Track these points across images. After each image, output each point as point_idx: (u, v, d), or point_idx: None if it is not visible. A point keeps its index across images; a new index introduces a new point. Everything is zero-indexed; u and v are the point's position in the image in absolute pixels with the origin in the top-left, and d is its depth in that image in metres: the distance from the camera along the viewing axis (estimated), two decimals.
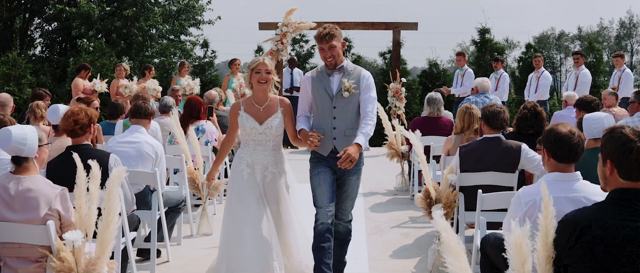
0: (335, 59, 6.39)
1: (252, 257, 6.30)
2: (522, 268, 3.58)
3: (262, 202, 6.49)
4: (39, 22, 32.31)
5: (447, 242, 3.71)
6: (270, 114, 6.57)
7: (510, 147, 7.08)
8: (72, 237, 4.74)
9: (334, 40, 6.35)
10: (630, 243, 3.46)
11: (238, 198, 6.49)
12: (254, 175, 6.54)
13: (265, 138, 6.56)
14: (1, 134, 5.06)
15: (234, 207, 6.51)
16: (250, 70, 6.55)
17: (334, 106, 6.40)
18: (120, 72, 16.21)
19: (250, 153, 6.57)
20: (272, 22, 16.06)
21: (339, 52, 6.42)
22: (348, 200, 6.60)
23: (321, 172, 6.44)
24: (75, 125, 6.23)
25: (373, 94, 6.49)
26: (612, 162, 3.62)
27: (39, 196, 4.95)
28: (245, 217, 6.41)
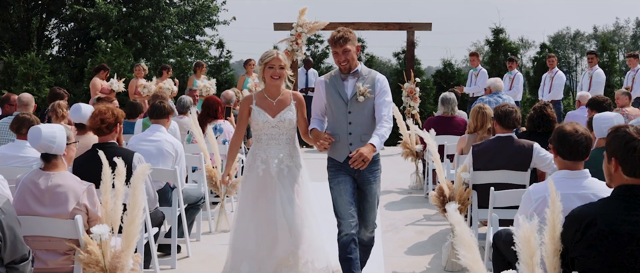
0: (350, 63, 6.22)
1: (265, 255, 6.37)
2: (530, 260, 3.74)
3: (277, 197, 6.43)
4: (55, 22, 32.63)
5: (460, 234, 3.90)
6: (283, 107, 6.55)
7: (522, 146, 7.23)
8: (99, 231, 4.96)
9: (348, 44, 6.18)
10: (634, 237, 3.62)
11: (253, 197, 6.50)
12: (269, 171, 6.49)
13: (278, 131, 6.53)
14: (32, 131, 5.28)
15: (247, 206, 6.53)
16: (263, 64, 6.47)
17: (349, 111, 6.25)
18: (139, 72, 16.45)
19: (263, 149, 6.53)
20: (287, 23, 16.20)
21: (353, 56, 6.25)
22: (371, 211, 6.40)
23: (341, 181, 6.27)
24: (102, 124, 6.44)
25: (388, 97, 6.34)
26: (617, 160, 3.78)
27: (67, 191, 5.16)
28: (258, 217, 6.44)
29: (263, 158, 6.52)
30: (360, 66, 6.34)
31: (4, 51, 28.26)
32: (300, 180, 6.64)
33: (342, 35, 6.20)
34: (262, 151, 6.54)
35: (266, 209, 6.46)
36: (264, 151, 6.53)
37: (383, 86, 6.32)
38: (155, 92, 14.62)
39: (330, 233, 6.53)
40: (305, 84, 18.45)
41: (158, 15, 28.09)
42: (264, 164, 6.51)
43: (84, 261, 5.04)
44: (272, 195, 6.47)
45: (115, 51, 23.06)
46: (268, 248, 6.49)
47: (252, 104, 6.54)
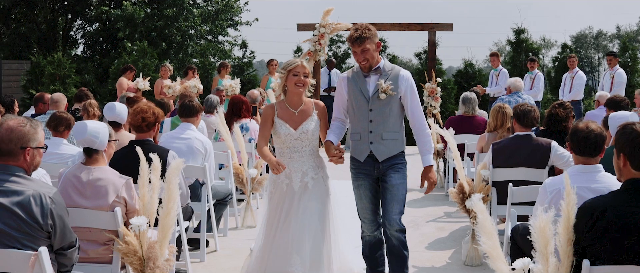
0: (370, 62, 6.08)
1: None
2: (545, 249, 3.99)
3: (300, 213, 6.19)
4: (80, 23, 33.03)
5: (482, 222, 4.17)
6: (305, 117, 6.29)
7: (540, 144, 7.45)
8: (138, 222, 5.24)
9: (366, 43, 6.02)
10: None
11: (278, 213, 6.28)
12: (292, 186, 6.25)
13: (300, 144, 6.27)
14: (79, 125, 5.58)
15: (272, 223, 6.32)
16: (286, 71, 6.20)
17: (370, 109, 6.11)
18: (164, 72, 16.76)
19: (286, 162, 6.24)
20: (310, 23, 16.40)
21: (373, 54, 6.09)
22: (394, 202, 6.14)
23: (361, 185, 6.22)
24: (142, 122, 6.74)
25: (417, 97, 6.21)
26: (625, 155, 4.03)
27: (107, 185, 5.45)
28: (282, 234, 6.20)
29: (286, 172, 6.26)
30: (382, 62, 6.20)
31: (31, 51, 28.70)
32: (326, 192, 6.39)
33: (360, 34, 6.05)
34: (285, 164, 6.19)
35: (290, 226, 6.19)
36: (287, 165, 6.23)
37: (408, 84, 6.17)
38: (180, 91, 14.95)
39: (357, 234, 6.50)
40: (328, 84, 18.70)
41: (182, 15, 28.39)
42: (288, 179, 6.28)
43: (123, 251, 5.31)
44: (295, 211, 6.22)
45: (140, 51, 23.38)
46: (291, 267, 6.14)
47: (274, 116, 6.29)
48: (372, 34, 6.09)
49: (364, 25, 6.15)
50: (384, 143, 6.12)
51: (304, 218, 6.18)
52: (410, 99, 6.17)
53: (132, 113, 6.85)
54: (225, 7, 29.36)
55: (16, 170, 4.45)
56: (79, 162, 5.64)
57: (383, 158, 6.13)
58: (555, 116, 8.25)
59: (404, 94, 6.15)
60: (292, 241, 6.13)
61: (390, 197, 6.15)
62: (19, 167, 4.48)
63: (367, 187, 6.22)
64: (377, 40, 6.17)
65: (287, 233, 6.16)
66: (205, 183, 7.97)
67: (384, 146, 6.13)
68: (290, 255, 6.08)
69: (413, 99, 6.18)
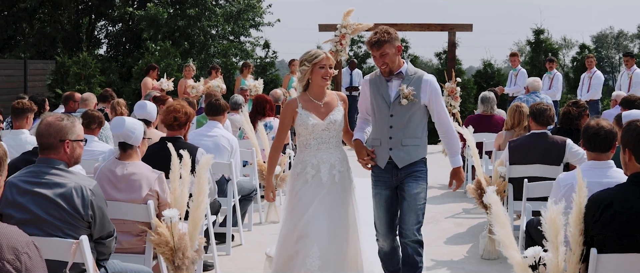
0: (389, 66, 5.93)
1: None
2: (555, 239, 4.23)
3: (327, 205, 6.03)
4: (104, 23, 33.45)
5: (495, 213, 4.43)
6: (331, 108, 6.11)
7: (555, 141, 7.67)
8: (170, 214, 5.51)
9: (385, 47, 5.88)
10: None
11: (301, 206, 6.07)
12: (320, 176, 6.06)
13: (328, 135, 6.09)
14: (117, 120, 5.89)
15: (295, 216, 6.10)
16: (312, 64, 5.99)
17: (391, 114, 5.97)
18: (188, 72, 17.08)
19: (313, 154, 6.09)
20: (331, 24, 16.63)
21: (393, 58, 5.92)
22: (411, 213, 5.97)
23: (378, 194, 6.12)
24: (174, 121, 7.02)
25: (441, 101, 6.05)
26: (630, 150, 4.27)
27: (141, 179, 5.74)
28: (309, 228, 5.98)
29: (314, 163, 6.08)
30: (405, 66, 6.03)
31: (56, 51, 29.12)
32: (350, 187, 6.23)
33: (378, 38, 5.90)
34: (312, 156, 6.09)
35: (314, 216, 6.00)
36: (314, 156, 6.09)
37: (433, 88, 5.99)
38: (203, 91, 15.26)
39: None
40: (349, 83, 18.94)
41: (204, 15, 28.69)
42: (314, 169, 6.08)
43: (155, 241, 5.58)
44: (320, 202, 6.04)
45: (163, 52, 23.67)
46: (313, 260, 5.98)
47: (297, 108, 6.08)
48: (391, 38, 5.92)
49: (383, 28, 5.99)
50: (404, 150, 5.97)
51: (331, 211, 6.02)
52: (435, 103, 6.00)
53: (165, 112, 7.12)
54: (247, 7, 29.64)
55: (57, 163, 4.75)
56: (114, 157, 5.93)
57: (403, 165, 5.98)
58: (568, 114, 8.45)
59: (428, 99, 5.98)
60: (315, 232, 5.95)
61: (407, 207, 5.99)
62: (60, 160, 4.77)
63: (384, 197, 6.09)
64: (397, 44, 5.97)
65: (312, 224, 5.97)
66: (231, 179, 8.24)
67: (404, 152, 5.97)
68: (311, 245, 5.92)
69: (438, 103, 6.01)
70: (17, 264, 3.28)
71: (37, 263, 3.39)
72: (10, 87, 23.45)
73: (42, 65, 26.21)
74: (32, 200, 4.59)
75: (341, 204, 6.11)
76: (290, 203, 6.20)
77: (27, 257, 3.33)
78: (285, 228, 6.19)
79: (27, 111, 8.58)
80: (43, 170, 4.71)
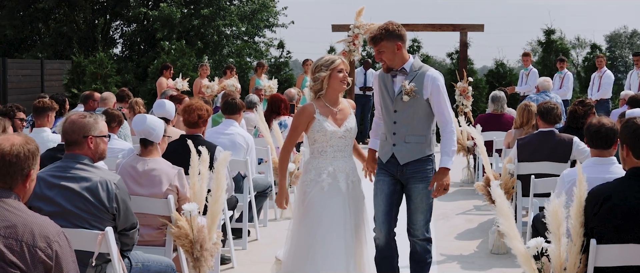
0: (387, 63, 5.92)
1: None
2: (557, 231, 4.45)
3: (345, 213, 5.84)
4: (118, 23, 33.78)
5: (500, 206, 4.66)
6: (346, 115, 5.96)
7: (562, 139, 7.87)
8: (189, 208, 5.75)
9: (382, 44, 5.85)
10: None
11: (314, 214, 5.84)
12: (338, 185, 5.86)
13: (344, 142, 5.91)
14: (139, 117, 6.15)
15: (309, 226, 5.85)
16: (330, 69, 5.80)
17: (394, 110, 5.93)
18: (204, 71, 17.35)
19: (329, 162, 5.88)
20: (344, 24, 16.79)
21: (392, 55, 5.87)
22: (418, 213, 5.97)
23: (380, 180, 6.06)
24: (198, 119, 7.27)
25: (442, 98, 5.90)
26: (627, 146, 4.48)
27: (161, 174, 5.98)
28: (326, 238, 5.76)
29: (330, 171, 5.87)
30: (411, 62, 5.95)
31: (72, 51, 29.44)
32: (362, 198, 6.07)
33: (375, 34, 5.89)
34: (328, 164, 5.88)
35: (331, 226, 5.80)
36: (330, 164, 5.88)
37: (434, 85, 5.86)
38: (218, 91, 15.51)
39: None
40: (363, 83, 19.13)
41: (219, 14, 28.94)
42: (330, 177, 5.86)
43: (175, 234, 5.82)
44: (339, 213, 5.84)
45: (178, 51, 23.89)
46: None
47: (315, 114, 5.86)
48: (391, 35, 5.85)
49: (383, 25, 5.92)
50: (407, 146, 5.91)
51: (347, 220, 5.83)
52: (435, 98, 5.87)
53: (188, 110, 7.35)
54: (261, 7, 29.87)
55: (82, 158, 5.00)
56: (135, 154, 6.18)
57: (405, 162, 5.92)
58: (574, 113, 8.64)
59: (430, 95, 5.87)
60: (332, 242, 5.76)
61: (414, 207, 5.99)
62: (85, 155, 5.02)
63: (386, 183, 6.02)
64: (398, 41, 5.88)
65: (328, 234, 5.76)
66: (247, 176, 8.48)
67: (407, 149, 5.91)
68: (325, 256, 5.74)
69: (439, 98, 5.88)
70: (49, 252, 3.53)
71: (67, 252, 3.63)
72: (28, 87, 23.76)
73: (59, 65, 26.51)
74: (60, 193, 4.85)
75: (356, 214, 5.96)
76: (301, 209, 5.97)
77: (58, 245, 3.57)
78: (299, 236, 5.93)
79: (48, 110, 8.84)
80: (69, 165, 4.96)
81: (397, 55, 5.89)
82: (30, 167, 3.70)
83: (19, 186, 3.67)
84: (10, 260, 3.45)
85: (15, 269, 3.45)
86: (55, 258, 3.55)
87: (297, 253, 5.89)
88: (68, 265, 3.62)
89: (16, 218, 3.54)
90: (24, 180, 3.68)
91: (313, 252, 5.79)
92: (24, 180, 3.68)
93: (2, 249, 3.45)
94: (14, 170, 3.63)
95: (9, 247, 3.46)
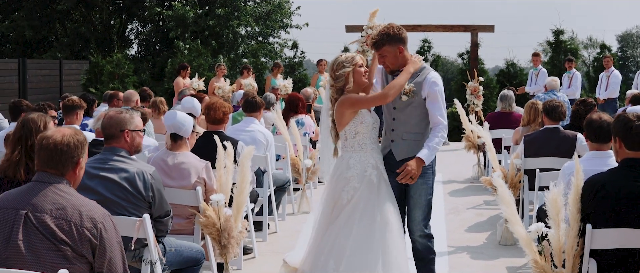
0: (392, 67, 5.99)
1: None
2: (557, 217, 4.87)
3: (377, 208, 5.86)
4: (134, 24, 34.25)
5: (501, 194, 5.08)
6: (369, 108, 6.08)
7: (567, 136, 8.27)
8: (217, 198, 6.17)
9: (384, 49, 5.93)
10: (633, 197, 4.71)
11: (368, 210, 5.84)
12: (383, 176, 5.97)
13: (375, 135, 6.04)
14: (169, 113, 6.62)
15: (360, 222, 5.82)
16: (352, 65, 5.92)
17: (394, 107, 6.01)
18: (220, 71, 17.78)
19: (370, 154, 5.97)
20: (357, 25, 17.19)
21: (394, 59, 5.94)
22: (416, 209, 6.01)
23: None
24: (223, 116, 7.72)
25: (439, 100, 5.96)
26: (619, 138, 4.88)
27: (190, 167, 6.42)
28: (364, 229, 5.80)
29: (373, 164, 5.96)
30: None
31: (89, 51, 29.91)
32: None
33: (376, 39, 5.98)
34: (370, 156, 5.98)
35: (385, 222, 5.83)
36: (372, 156, 5.98)
37: (431, 88, 5.94)
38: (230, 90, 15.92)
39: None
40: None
41: (233, 15, 29.33)
42: (375, 170, 5.95)
43: (203, 223, 6.23)
44: (373, 205, 5.88)
45: (193, 51, 24.27)
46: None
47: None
48: (391, 39, 5.92)
49: (383, 29, 5.99)
50: (405, 143, 5.98)
51: (382, 213, 5.86)
52: (430, 100, 5.94)
53: (212, 107, 7.76)
54: (276, 8, 30.28)
55: (119, 151, 5.46)
56: (165, 148, 6.62)
57: (401, 158, 5.97)
58: (576, 112, 9.02)
59: (427, 95, 5.94)
60: (367, 236, 5.79)
61: (413, 204, 6.03)
62: (122, 148, 5.48)
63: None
64: (399, 45, 5.94)
65: (370, 227, 5.80)
66: (266, 170, 8.90)
67: (404, 145, 5.98)
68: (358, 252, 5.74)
69: (433, 101, 5.95)
70: (94, 231, 4.01)
71: (111, 234, 4.11)
72: (47, 87, 24.18)
73: (77, 66, 26.96)
74: (101, 183, 5.30)
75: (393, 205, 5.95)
76: (344, 207, 5.94)
77: (103, 226, 4.05)
78: (345, 231, 5.86)
79: (76, 108, 9.26)
80: (108, 157, 5.41)
81: (400, 57, 5.96)
82: (79, 156, 4.17)
83: (69, 173, 4.15)
84: (61, 238, 3.93)
85: (65, 246, 3.94)
86: (100, 238, 4.03)
87: (343, 251, 5.79)
88: (112, 246, 4.10)
89: (66, 201, 4.01)
90: (74, 167, 4.15)
91: (371, 246, 5.76)
92: (74, 167, 4.15)
93: (54, 228, 3.93)
94: (65, 158, 4.10)
95: (59, 227, 3.94)
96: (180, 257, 5.82)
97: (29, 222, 3.91)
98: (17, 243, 3.88)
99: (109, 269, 4.07)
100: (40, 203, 3.96)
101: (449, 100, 21.84)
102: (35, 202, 3.96)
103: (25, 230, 3.90)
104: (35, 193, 4.00)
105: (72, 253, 3.93)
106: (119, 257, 4.15)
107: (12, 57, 29.69)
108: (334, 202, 6.01)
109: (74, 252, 3.94)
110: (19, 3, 30.86)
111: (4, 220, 3.93)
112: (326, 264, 5.80)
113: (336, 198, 5.98)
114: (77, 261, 3.95)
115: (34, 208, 3.94)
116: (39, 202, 3.96)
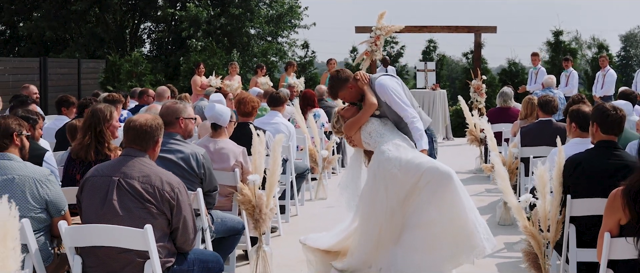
0: (356, 99, 6.91)
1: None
2: (543, 189, 5.79)
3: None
4: (147, 24, 35.07)
5: (498, 170, 6.04)
6: None
7: (559, 127, 9.19)
8: (253, 178, 7.11)
9: (340, 94, 6.96)
10: (605, 174, 5.66)
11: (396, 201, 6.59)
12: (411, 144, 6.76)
13: (388, 123, 6.99)
14: (209, 106, 7.57)
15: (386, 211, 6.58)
16: (341, 117, 7.10)
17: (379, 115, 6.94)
18: (233, 70, 18.71)
19: (391, 136, 6.77)
20: (366, 26, 17.91)
21: (352, 95, 6.87)
22: None
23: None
24: (252, 109, 8.68)
25: (395, 97, 6.70)
26: (596, 123, 5.80)
27: (229, 152, 7.39)
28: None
29: (398, 142, 6.74)
30: (372, 77, 6.93)
31: (105, 50, 30.78)
32: None
33: (331, 93, 7.13)
34: (393, 137, 6.76)
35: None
36: (394, 137, 6.78)
37: (382, 93, 6.77)
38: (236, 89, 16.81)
39: None
40: None
41: (246, 16, 30.10)
42: (404, 141, 6.78)
43: (240, 200, 7.15)
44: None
45: (208, 50, 25.00)
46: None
47: None
48: (339, 85, 6.88)
49: (329, 83, 7.14)
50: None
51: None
52: (389, 102, 6.78)
53: (243, 102, 8.69)
54: (288, 11, 31.11)
55: (175, 135, 6.43)
56: (207, 136, 7.60)
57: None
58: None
59: (383, 99, 6.79)
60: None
61: None
62: (177, 133, 6.45)
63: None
64: (347, 84, 6.84)
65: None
66: (288, 159, 9.85)
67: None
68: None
69: (391, 102, 6.73)
70: (172, 194, 5.02)
71: (185, 197, 5.11)
72: (66, 85, 25.10)
73: (94, 64, 27.81)
74: (161, 163, 6.18)
75: None
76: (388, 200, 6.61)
77: (178, 191, 5.06)
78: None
79: (116, 102, 10.23)
80: (166, 140, 6.35)
81: (354, 90, 6.87)
82: (158, 136, 5.19)
83: (150, 149, 5.17)
84: (147, 198, 4.95)
85: (150, 204, 4.95)
86: (177, 199, 5.04)
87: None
88: (185, 207, 5.10)
89: (150, 170, 5.03)
90: (154, 145, 5.17)
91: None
92: (154, 145, 5.18)
93: (141, 190, 4.95)
94: (148, 138, 5.11)
95: (145, 190, 4.96)
96: (225, 226, 6.78)
97: (121, 186, 4.93)
98: (112, 202, 4.89)
99: (184, 225, 5.08)
100: (129, 172, 4.97)
101: (453, 98, 22.73)
102: (125, 170, 4.98)
103: (118, 192, 4.92)
104: (124, 164, 5.01)
105: (156, 210, 4.94)
106: (190, 216, 5.14)
107: (30, 56, 30.59)
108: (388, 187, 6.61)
109: (157, 209, 4.94)
110: (36, 3, 31.71)
111: (100, 184, 4.95)
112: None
113: (388, 178, 6.57)
114: (159, 217, 4.96)
115: (124, 175, 4.96)
116: (128, 171, 4.98)
